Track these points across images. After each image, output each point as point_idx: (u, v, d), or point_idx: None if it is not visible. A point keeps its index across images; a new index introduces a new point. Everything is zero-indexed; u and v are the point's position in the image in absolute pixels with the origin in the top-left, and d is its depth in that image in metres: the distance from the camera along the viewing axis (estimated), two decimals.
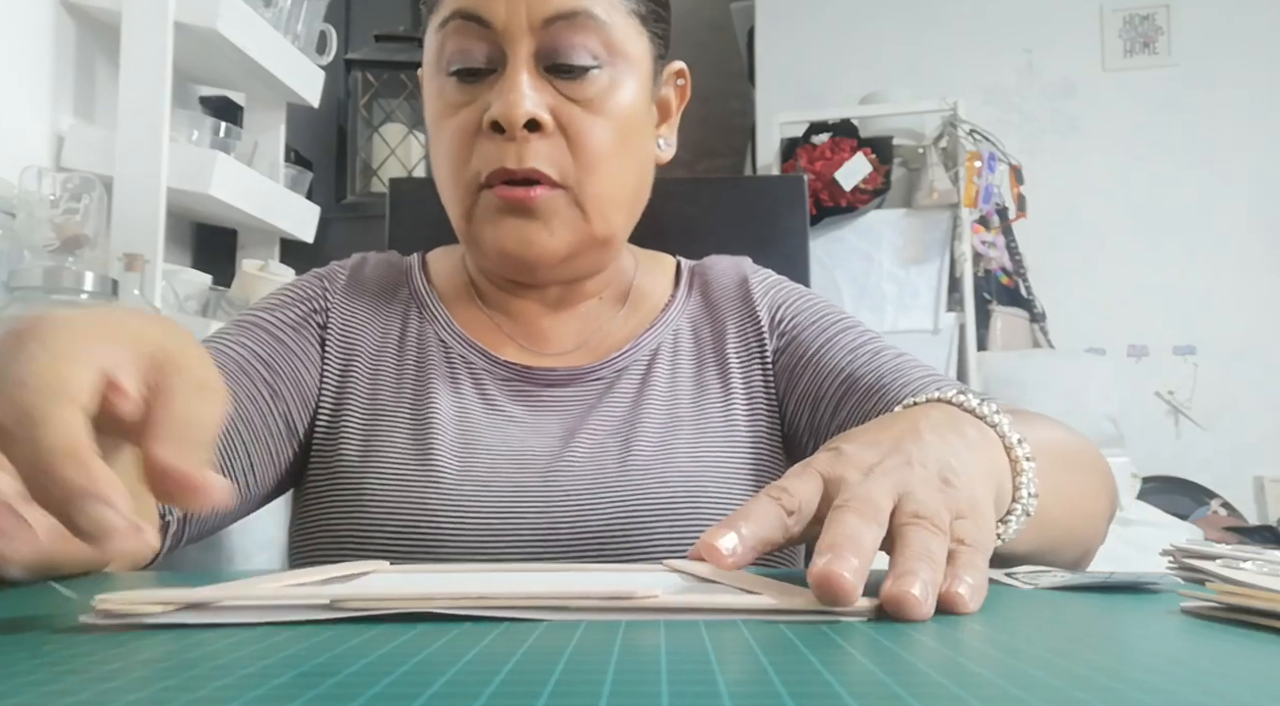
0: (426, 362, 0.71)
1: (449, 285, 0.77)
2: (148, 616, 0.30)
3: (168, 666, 0.25)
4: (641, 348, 0.73)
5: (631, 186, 0.70)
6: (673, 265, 0.83)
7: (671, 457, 0.67)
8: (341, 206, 1.99)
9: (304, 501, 0.69)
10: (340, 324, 0.73)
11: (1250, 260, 3.32)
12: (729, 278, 0.79)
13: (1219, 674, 0.25)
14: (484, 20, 0.64)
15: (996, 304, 3.12)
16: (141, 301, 1.22)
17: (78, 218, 1.27)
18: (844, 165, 2.88)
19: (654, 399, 0.70)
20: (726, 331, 0.75)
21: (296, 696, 0.21)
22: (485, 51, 0.65)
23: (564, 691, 0.22)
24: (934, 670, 0.24)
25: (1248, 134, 3.37)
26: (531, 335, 0.74)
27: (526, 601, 0.32)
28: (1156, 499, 2.68)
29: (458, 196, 0.68)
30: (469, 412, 0.69)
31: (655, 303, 0.77)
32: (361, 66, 1.98)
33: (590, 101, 0.66)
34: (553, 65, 0.65)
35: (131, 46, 1.41)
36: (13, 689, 0.22)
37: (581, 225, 0.67)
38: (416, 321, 0.74)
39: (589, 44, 0.65)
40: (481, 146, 0.65)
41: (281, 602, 0.32)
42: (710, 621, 0.32)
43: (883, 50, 3.58)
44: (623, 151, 0.68)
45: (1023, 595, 0.42)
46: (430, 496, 0.63)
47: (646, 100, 0.70)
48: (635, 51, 0.68)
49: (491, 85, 0.65)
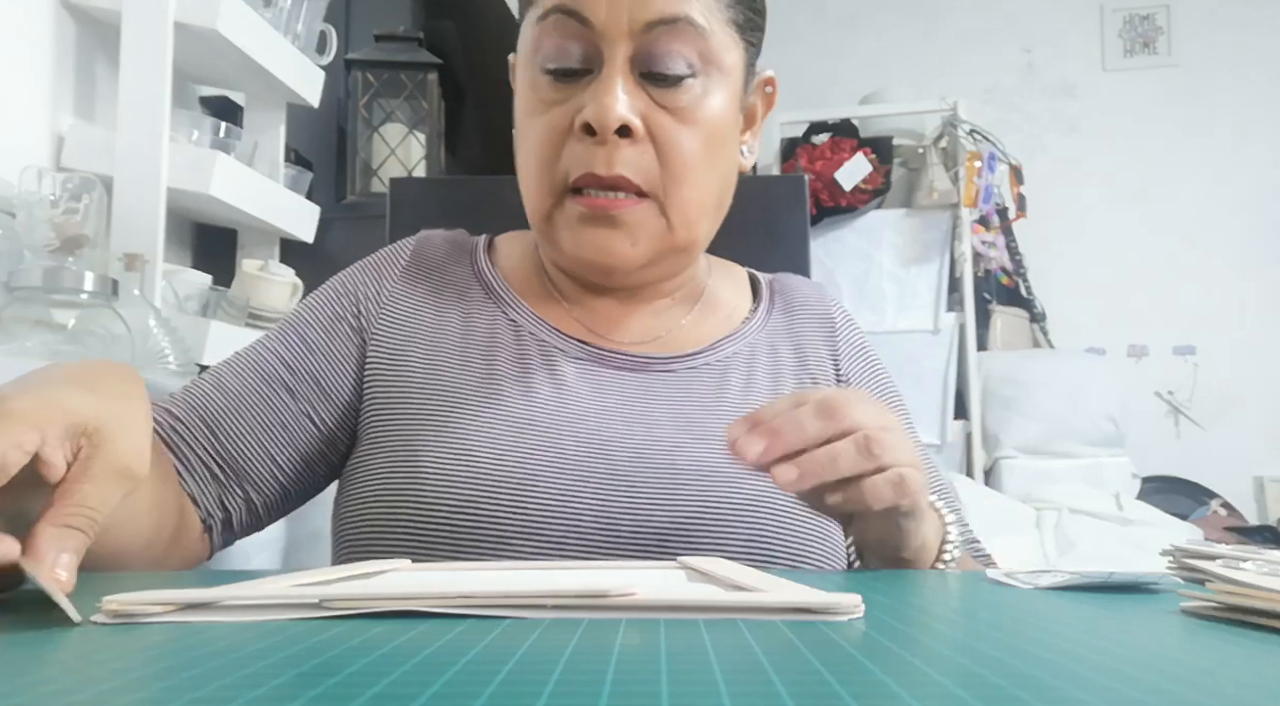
0: (494, 342, 0.71)
1: (518, 270, 0.77)
2: (151, 616, 0.32)
3: (169, 666, 0.25)
4: (718, 352, 0.73)
5: (716, 195, 0.69)
6: (744, 275, 0.83)
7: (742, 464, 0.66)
8: (341, 206, 1.99)
9: (355, 480, 0.68)
10: (392, 307, 0.73)
11: (1250, 260, 3.32)
12: (813, 308, 0.80)
13: (1219, 674, 0.25)
14: (584, 18, 0.63)
15: (996, 304, 3.12)
16: (141, 301, 1.22)
17: (78, 218, 1.27)
18: (844, 165, 2.88)
19: (729, 403, 0.70)
20: (807, 358, 0.76)
21: (297, 696, 0.21)
22: (582, 50, 0.64)
23: (564, 691, 0.22)
24: (934, 670, 0.24)
25: (1248, 134, 3.37)
26: (601, 324, 0.73)
27: (501, 600, 0.33)
28: (1156, 499, 2.68)
29: (540, 195, 0.67)
30: (537, 390, 0.67)
31: (732, 310, 0.78)
32: (361, 66, 1.98)
33: (682, 110, 0.65)
34: (648, 72, 0.64)
35: (131, 46, 1.41)
36: (13, 689, 0.22)
37: (665, 234, 0.67)
38: (483, 302, 0.74)
39: (686, 52, 0.64)
40: (571, 147, 0.65)
41: (273, 602, 0.33)
42: (711, 621, 0.32)
43: (883, 50, 3.58)
44: (710, 161, 0.67)
45: (1023, 595, 0.42)
46: (492, 471, 0.62)
47: (735, 110, 0.70)
48: (729, 61, 0.67)
49: (586, 86, 0.65)
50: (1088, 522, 2.31)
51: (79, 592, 0.37)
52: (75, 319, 1.13)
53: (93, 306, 1.15)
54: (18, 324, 1.10)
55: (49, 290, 1.13)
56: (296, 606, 0.33)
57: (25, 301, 1.12)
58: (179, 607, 0.33)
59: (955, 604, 0.40)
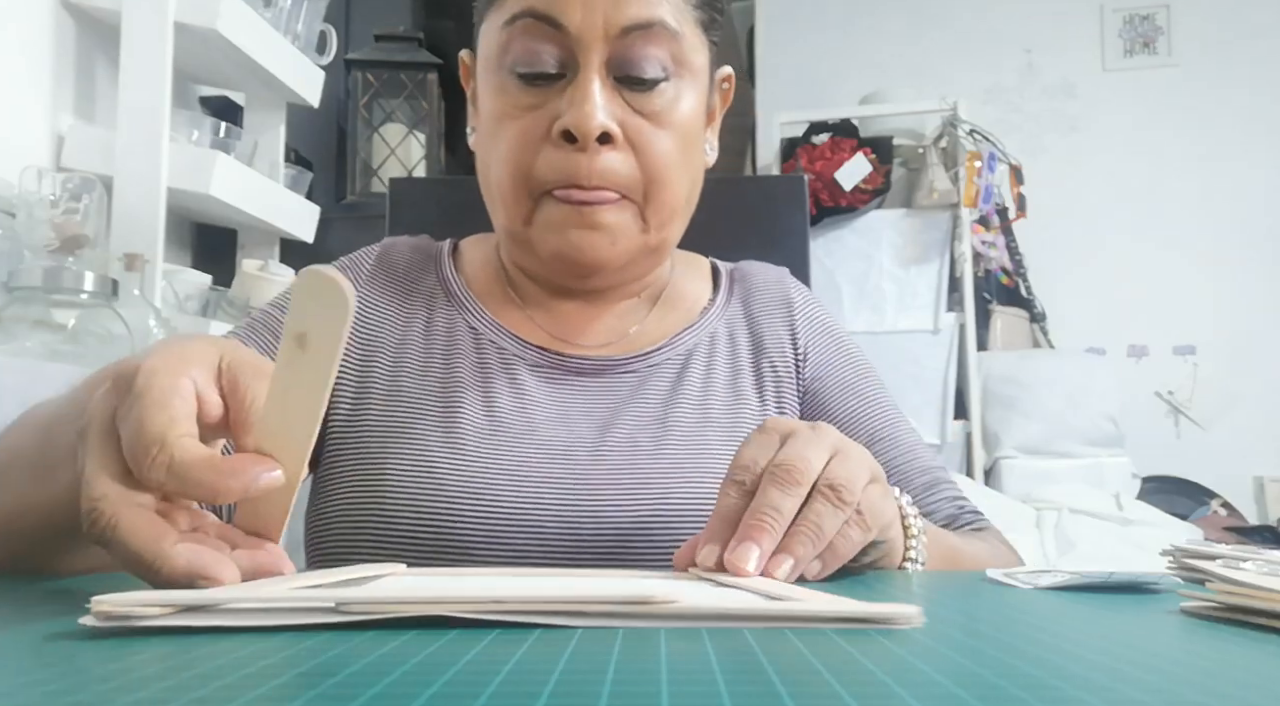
0: (454, 349, 0.71)
1: (481, 275, 0.76)
2: (147, 618, 0.30)
3: (165, 667, 0.25)
4: (677, 346, 0.73)
5: (687, 195, 0.70)
6: (707, 266, 0.83)
7: (702, 458, 0.66)
8: (341, 206, 1.99)
9: (323, 492, 0.68)
10: (361, 314, 0.73)
11: (1250, 260, 3.32)
12: (772, 292, 0.79)
13: (1219, 674, 0.25)
14: (557, 23, 0.63)
15: (996, 304, 3.12)
16: (141, 301, 1.22)
17: (78, 218, 1.27)
18: (844, 165, 2.88)
19: (687, 398, 0.70)
20: (765, 343, 0.76)
21: (297, 696, 0.21)
22: (556, 55, 0.64)
23: (564, 690, 0.22)
24: (934, 670, 0.24)
25: (1247, 134, 3.37)
26: (564, 328, 0.73)
27: (543, 605, 0.31)
28: (1156, 499, 2.68)
29: (515, 199, 0.67)
30: (497, 399, 0.68)
31: (692, 303, 0.77)
32: (361, 66, 1.99)
33: (657, 114, 0.65)
34: (624, 76, 0.64)
35: (131, 46, 1.41)
36: (11, 689, 0.22)
37: (641, 235, 0.67)
38: (444, 309, 0.73)
39: (660, 56, 0.64)
40: (548, 153, 0.64)
41: (286, 605, 0.31)
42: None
43: (883, 50, 3.58)
44: (683, 162, 0.67)
45: (1023, 595, 0.42)
46: (454, 482, 0.62)
47: (703, 110, 0.70)
48: (699, 62, 0.67)
49: (561, 91, 0.64)
50: (1088, 522, 2.31)
51: (70, 596, 0.37)
52: (75, 319, 1.13)
53: (93, 306, 1.15)
54: (18, 324, 1.10)
55: (49, 290, 1.13)
56: (309, 610, 0.30)
57: (25, 301, 1.12)
58: (177, 609, 0.30)
59: (955, 604, 0.40)
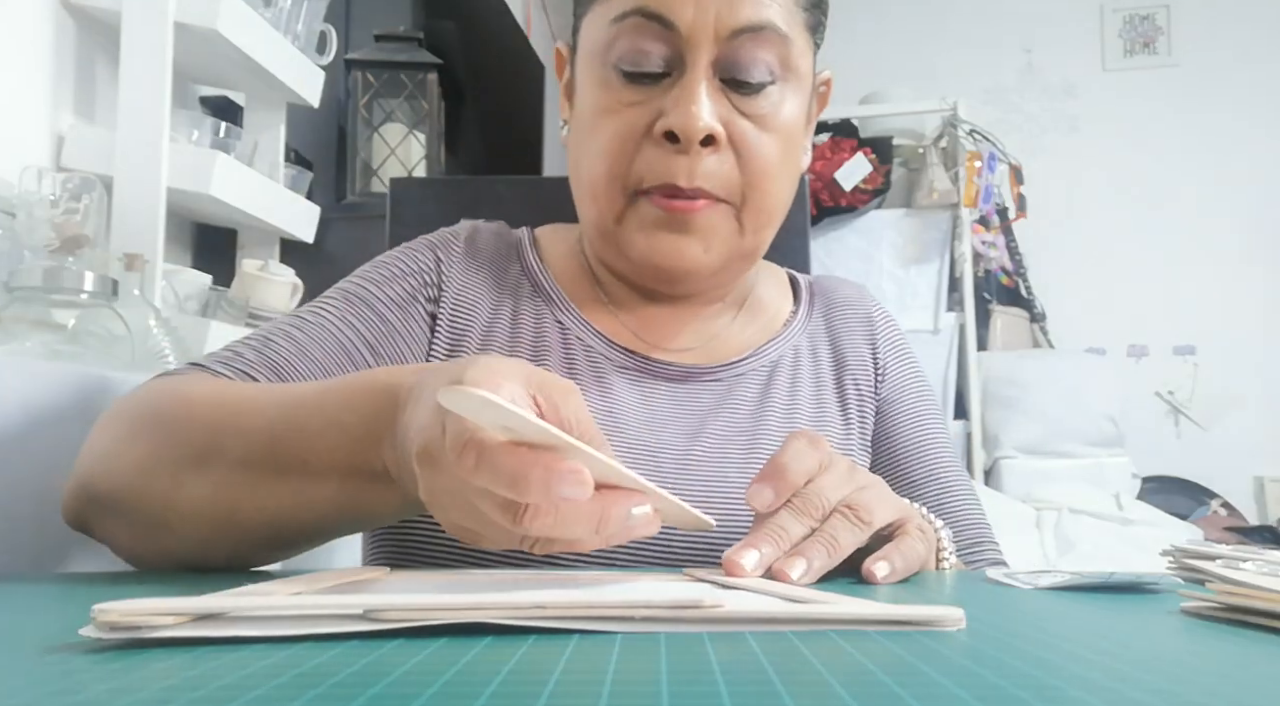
0: (542, 343, 0.69)
1: (565, 269, 0.74)
2: (156, 629, 0.27)
3: (163, 666, 0.25)
4: (762, 357, 0.72)
5: (786, 200, 0.68)
6: (784, 276, 0.82)
7: None
8: (341, 206, 1.99)
9: None
10: (454, 297, 0.70)
11: (1250, 260, 3.32)
12: (854, 309, 0.79)
13: (1219, 674, 0.25)
14: (668, 22, 0.61)
15: (996, 304, 3.12)
16: (141, 301, 1.22)
17: (78, 218, 1.27)
18: (844, 165, 2.88)
19: (774, 411, 0.69)
20: (847, 360, 0.75)
21: (296, 696, 0.21)
22: (663, 54, 0.62)
23: (563, 691, 0.22)
24: (934, 670, 0.24)
25: (1248, 134, 3.37)
26: (650, 330, 0.72)
27: (587, 610, 0.30)
28: (1156, 499, 2.68)
29: (608, 197, 0.65)
30: (584, 396, 0.66)
31: (774, 313, 0.77)
32: (361, 66, 1.98)
33: (762, 117, 0.64)
34: (731, 78, 0.63)
35: (131, 46, 1.41)
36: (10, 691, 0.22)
37: (736, 239, 0.66)
38: (530, 300, 0.72)
39: (769, 59, 0.63)
40: (647, 152, 0.63)
41: (310, 612, 0.29)
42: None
43: (883, 50, 3.58)
44: (784, 167, 0.66)
45: (1023, 595, 0.42)
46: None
47: (804, 114, 0.68)
48: (804, 66, 0.66)
49: (666, 90, 0.63)
50: (1088, 522, 2.31)
51: (66, 600, 0.37)
52: (75, 319, 1.13)
53: (93, 306, 1.15)
54: (17, 324, 1.10)
55: (49, 290, 1.13)
56: (337, 618, 0.28)
57: (25, 301, 1.12)
58: (191, 619, 0.28)
59: (956, 605, 0.40)
